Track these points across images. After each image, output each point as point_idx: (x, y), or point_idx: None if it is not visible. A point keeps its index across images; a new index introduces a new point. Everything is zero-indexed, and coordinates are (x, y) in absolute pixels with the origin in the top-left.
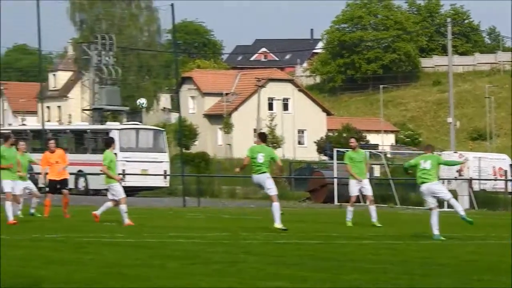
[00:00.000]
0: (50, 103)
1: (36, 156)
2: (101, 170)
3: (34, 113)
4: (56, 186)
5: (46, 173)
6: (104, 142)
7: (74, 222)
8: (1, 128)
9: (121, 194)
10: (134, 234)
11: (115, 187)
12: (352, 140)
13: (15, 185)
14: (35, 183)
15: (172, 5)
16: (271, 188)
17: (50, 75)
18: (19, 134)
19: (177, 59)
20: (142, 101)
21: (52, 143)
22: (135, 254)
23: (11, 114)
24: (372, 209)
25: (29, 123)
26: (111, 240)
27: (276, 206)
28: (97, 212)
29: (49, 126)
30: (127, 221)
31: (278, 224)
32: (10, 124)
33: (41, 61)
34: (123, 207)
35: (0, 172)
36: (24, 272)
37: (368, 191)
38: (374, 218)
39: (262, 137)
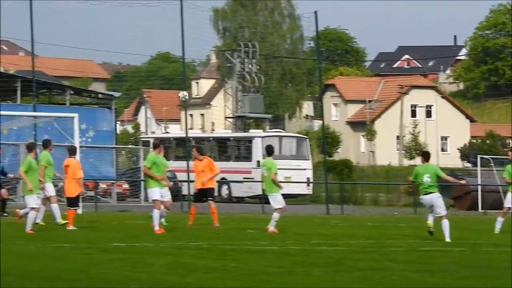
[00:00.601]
0: (193, 111)
1: (180, 164)
2: (272, 179)
3: (177, 121)
4: (202, 195)
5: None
6: (266, 149)
7: (218, 230)
8: (145, 136)
9: (280, 204)
10: (277, 242)
11: (277, 197)
12: (510, 153)
13: (163, 193)
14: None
15: (315, 12)
16: (442, 209)
17: (193, 83)
18: (162, 142)
19: (320, 66)
20: (184, 93)
21: (193, 151)
22: (278, 261)
23: (154, 122)
24: None
25: (172, 131)
26: (255, 248)
27: (445, 223)
28: (271, 227)
29: (192, 134)
30: (272, 228)
31: (448, 239)
32: (153, 132)
33: (184, 69)
34: (276, 216)
35: (148, 180)
36: (169, 280)
37: None
38: None
39: (425, 157)
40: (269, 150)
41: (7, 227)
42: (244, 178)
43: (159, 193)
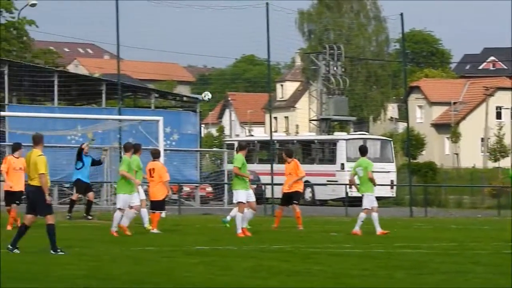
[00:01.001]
0: (278, 113)
1: (264, 167)
2: (370, 178)
3: (261, 123)
4: (289, 199)
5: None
6: (360, 150)
7: (301, 233)
8: (229, 139)
9: (371, 205)
10: (361, 244)
11: (371, 197)
12: None
13: (249, 194)
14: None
15: (401, 14)
16: None
17: (278, 86)
18: (247, 145)
19: (405, 68)
20: (207, 94)
21: (283, 154)
22: (362, 264)
23: (238, 125)
24: None
25: (256, 133)
26: (338, 251)
27: None
28: (356, 229)
29: (276, 136)
30: (357, 229)
31: None
32: (237, 135)
33: (269, 71)
34: (363, 216)
35: (235, 181)
36: (252, 283)
37: None
38: None
39: None
40: (363, 150)
41: (95, 231)
42: (328, 180)
43: (245, 195)
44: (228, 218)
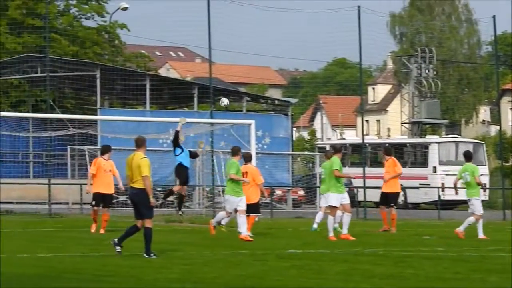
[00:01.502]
0: (369, 116)
1: (356, 170)
2: (478, 182)
3: (353, 127)
4: (386, 199)
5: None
6: (464, 155)
7: (394, 236)
8: (321, 143)
9: (480, 210)
10: (453, 248)
11: (478, 202)
12: None
13: (343, 197)
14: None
15: (493, 17)
16: None
17: (369, 89)
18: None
19: (497, 71)
20: (224, 101)
21: (382, 152)
22: (455, 267)
23: (330, 128)
24: None
25: (348, 137)
26: (431, 254)
27: None
28: (460, 229)
29: (368, 140)
30: (481, 235)
31: None
32: (329, 138)
33: (361, 74)
34: (471, 220)
35: (329, 185)
36: (345, 287)
37: None
38: None
39: None
40: (467, 156)
41: (187, 234)
42: (420, 184)
43: (339, 199)
44: (315, 225)
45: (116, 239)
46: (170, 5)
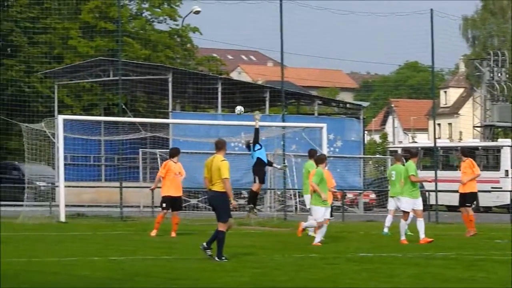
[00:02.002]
0: (441, 120)
1: (428, 174)
2: None
3: (424, 130)
4: (463, 200)
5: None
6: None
7: (466, 240)
8: (392, 146)
9: None
10: None
11: None
12: None
13: (416, 202)
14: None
15: None
16: None
17: (441, 92)
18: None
19: None
20: (240, 109)
21: (460, 153)
22: None
23: (401, 132)
24: None
25: (420, 140)
26: (503, 258)
27: None
28: None
29: (440, 143)
30: None
31: None
32: (400, 142)
33: (433, 78)
34: None
35: (404, 190)
36: None
37: None
38: None
39: None
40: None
41: (258, 237)
42: (492, 187)
43: (411, 204)
44: (386, 230)
45: (204, 243)
46: (242, 8)
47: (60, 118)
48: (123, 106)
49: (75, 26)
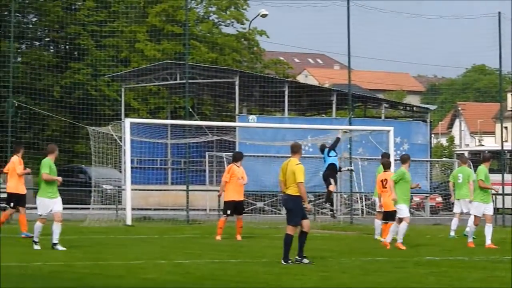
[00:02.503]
0: (508, 123)
1: (495, 177)
2: None
3: (491, 133)
4: None
5: None
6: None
7: None
8: (459, 149)
9: None
10: None
11: None
12: None
13: (485, 208)
14: None
15: None
16: None
17: (508, 95)
18: (476, 155)
19: None
20: (253, 118)
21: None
22: None
23: (468, 135)
24: None
25: (487, 144)
26: None
27: None
28: None
29: (507, 146)
30: None
31: None
32: (467, 145)
33: (501, 81)
34: None
35: (476, 195)
36: None
37: None
38: None
39: None
40: None
41: (326, 241)
42: None
43: (481, 209)
44: (452, 233)
45: (297, 257)
46: (309, 11)
47: (127, 121)
48: (190, 109)
49: (142, 29)
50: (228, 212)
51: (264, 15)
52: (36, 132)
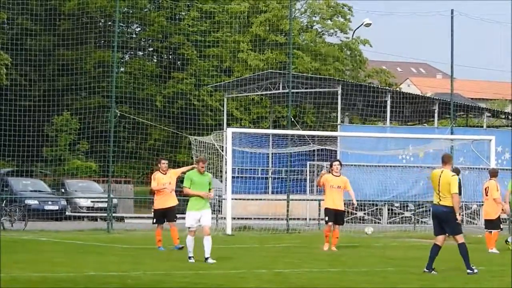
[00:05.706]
0: None
1: None
2: None
3: None
4: None
5: None
6: None
7: None
8: None
9: None
10: None
11: None
12: None
13: None
14: None
15: None
16: None
17: None
18: None
19: None
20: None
21: None
22: None
23: None
24: None
25: None
26: None
27: None
28: None
29: None
30: None
31: None
32: None
33: None
34: None
35: None
36: None
37: None
38: None
39: None
40: None
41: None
42: None
43: None
44: (510, 239)
45: (425, 269)
46: (412, 21)
47: (229, 131)
48: (292, 119)
49: (246, 39)
50: (326, 219)
51: (367, 25)
52: (138, 141)
